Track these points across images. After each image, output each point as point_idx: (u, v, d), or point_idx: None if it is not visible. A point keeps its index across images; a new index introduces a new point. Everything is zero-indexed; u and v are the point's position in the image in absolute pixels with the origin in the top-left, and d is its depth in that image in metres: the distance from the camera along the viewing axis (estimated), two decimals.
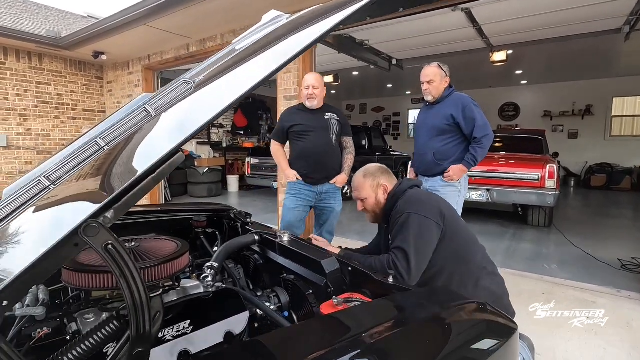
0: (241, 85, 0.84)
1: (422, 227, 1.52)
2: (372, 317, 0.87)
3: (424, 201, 1.62)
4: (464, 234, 1.63)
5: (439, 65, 2.75)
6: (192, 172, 8.25)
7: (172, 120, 0.81)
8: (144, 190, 0.58)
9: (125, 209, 0.57)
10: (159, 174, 0.59)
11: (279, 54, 0.92)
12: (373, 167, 1.81)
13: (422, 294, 1.00)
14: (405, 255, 1.47)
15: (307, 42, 0.92)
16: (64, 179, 0.72)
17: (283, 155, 2.83)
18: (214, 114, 0.80)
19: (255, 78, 0.87)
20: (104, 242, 0.55)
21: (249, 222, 1.91)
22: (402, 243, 1.50)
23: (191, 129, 0.73)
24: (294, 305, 1.36)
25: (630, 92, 9.72)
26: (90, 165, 0.75)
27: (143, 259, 1.11)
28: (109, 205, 0.55)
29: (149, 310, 0.61)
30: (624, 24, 4.53)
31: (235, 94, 0.81)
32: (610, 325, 2.37)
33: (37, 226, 0.58)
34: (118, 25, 4.73)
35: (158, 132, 0.76)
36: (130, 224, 1.75)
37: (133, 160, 0.64)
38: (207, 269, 1.30)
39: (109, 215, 0.54)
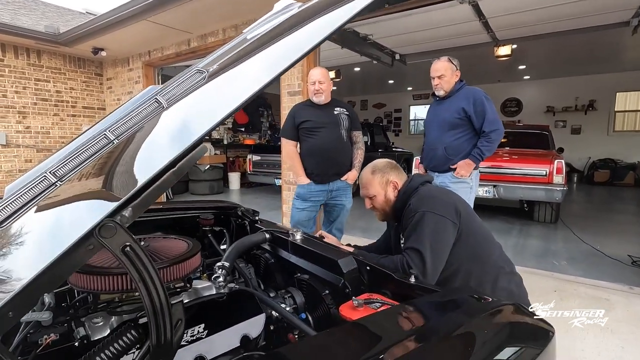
0: (260, 77, 0.80)
1: (438, 226, 1.44)
2: (403, 323, 0.81)
3: (438, 198, 1.54)
4: (480, 232, 1.56)
5: (449, 59, 2.69)
6: (193, 169, 8.17)
7: (189, 111, 0.75)
8: (164, 186, 0.52)
9: (144, 207, 0.51)
10: (180, 167, 0.54)
11: (296, 44, 0.86)
12: (381, 162, 1.72)
13: (451, 296, 0.94)
14: (420, 257, 1.39)
15: (326, 32, 0.87)
16: (72, 174, 0.66)
17: (298, 158, 2.72)
18: (236, 104, 0.75)
19: (274, 70, 0.82)
20: (121, 244, 0.49)
21: (257, 219, 1.86)
22: (416, 243, 1.42)
23: (213, 120, 0.67)
24: (309, 307, 1.30)
25: (634, 87, 9.64)
26: (100, 161, 0.69)
27: (154, 259, 1.05)
28: (126, 203, 0.49)
29: (170, 318, 0.56)
30: (632, 16, 4.45)
31: (256, 86, 0.75)
32: (625, 323, 2.33)
33: (46, 228, 0.52)
34: (117, 21, 4.65)
35: (175, 123, 0.70)
36: (134, 223, 1.69)
37: (150, 154, 0.58)
38: (218, 268, 1.24)
39: (127, 214, 0.49)
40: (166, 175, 0.53)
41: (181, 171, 0.54)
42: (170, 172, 0.53)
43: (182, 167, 0.53)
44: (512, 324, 0.83)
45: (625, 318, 2.37)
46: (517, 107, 11.23)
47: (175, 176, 0.53)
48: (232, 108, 0.61)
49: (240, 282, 1.48)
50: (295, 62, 0.84)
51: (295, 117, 2.70)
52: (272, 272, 1.52)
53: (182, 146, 0.53)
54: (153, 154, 0.57)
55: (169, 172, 0.53)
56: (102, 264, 0.97)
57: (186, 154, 0.54)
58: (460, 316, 0.83)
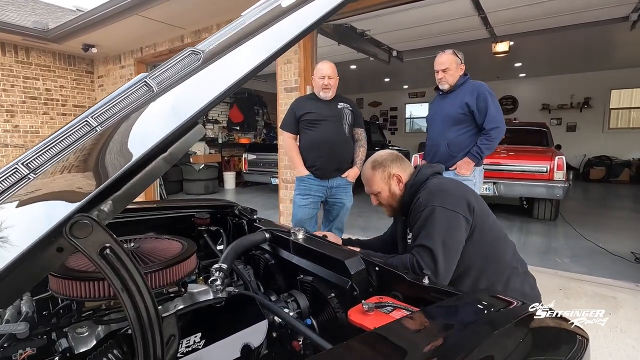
0: (255, 56, 0.73)
1: (450, 222, 1.33)
2: (428, 333, 0.72)
3: (449, 192, 1.42)
4: (494, 229, 1.46)
5: (454, 52, 2.61)
6: (187, 168, 8.05)
7: (182, 93, 0.66)
8: (153, 174, 0.43)
9: (128, 200, 0.42)
10: (173, 152, 0.44)
11: (292, 25, 0.80)
12: (382, 155, 1.59)
13: (475, 300, 0.86)
14: (432, 255, 1.29)
15: (323, 11, 0.81)
16: (48, 166, 0.57)
17: (297, 149, 2.66)
18: (231, 84, 0.67)
19: (269, 50, 0.75)
20: (99, 245, 0.40)
21: (255, 218, 1.76)
22: (426, 241, 1.31)
23: (207, 99, 0.58)
24: (314, 311, 1.21)
25: (628, 84, 9.68)
26: (82, 150, 0.60)
27: (145, 262, 0.96)
28: (106, 195, 0.40)
29: (160, 333, 0.47)
30: (632, 11, 4.42)
31: (251, 64, 0.71)
32: (635, 322, 2.27)
33: (7, 227, 0.43)
34: (108, 16, 4.52)
35: (165, 106, 0.61)
36: (124, 223, 1.59)
37: (136, 138, 0.49)
38: (215, 271, 1.14)
39: (106, 209, 0.39)
40: (155, 162, 0.44)
41: (174, 156, 0.45)
42: (160, 158, 0.44)
43: (174, 151, 0.44)
44: (546, 330, 0.75)
45: (634, 317, 2.32)
46: (512, 105, 11.23)
47: (166, 162, 0.44)
48: (226, 87, 0.52)
49: (239, 285, 1.39)
50: (292, 41, 0.78)
51: (296, 110, 2.62)
52: (273, 273, 1.43)
53: (172, 127, 0.44)
54: (139, 137, 0.48)
55: (158, 158, 0.44)
56: (87, 268, 0.88)
57: (179, 137, 0.45)
58: (491, 324, 0.74)
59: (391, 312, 1.02)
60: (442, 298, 1.00)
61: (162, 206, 1.94)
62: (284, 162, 4.47)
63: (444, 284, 1.30)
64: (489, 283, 1.40)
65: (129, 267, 0.42)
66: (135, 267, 0.43)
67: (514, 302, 0.84)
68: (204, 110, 0.51)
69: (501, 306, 0.82)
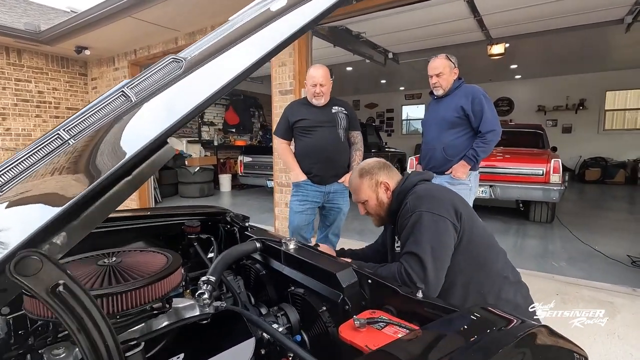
0: (237, 65, 0.69)
1: (439, 227, 1.29)
2: (429, 355, 0.69)
3: (437, 197, 1.39)
4: (483, 236, 1.42)
5: (447, 57, 2.59)
6: (182, 171, 7.98)
7: (157, 106, 0.62)
8: (116, 200, 0.39)
9: (86, 229, 0.38)
10: (138, 175, 0.40)
11: (278, 30, 0.77)
12: (369, 163, 1.57)
13: (472, 318, 0.82)
14: (420, 262, 1.24)
15: (310, 16, 0.77)
16: (9, 187, 0.52)
17: (291, 153, 2.61)
18: (207, 95, 0.63)
19: (255, 56, 0.71)
20: (50, 283, 0.36)
21: (247, 226, 1.72)
22: (414, 247, 1.27)
23: (179, 114, 0.54)
24: (305, 325, 1.17)
25: (623, 86, 9.73)
26: (48, 167, 0.55)
27: (126, 278, 0.91)
28: (60, 225, 0.36)
29: None
30: (626, 14, 4.42)
31: (232, 74, 0.67)
32: (632, 328, 2.25)
33: None
34: (101, 18, 4.46)
35: (138, 121, 0.57)
36: (113, 232, 1.54)
37: (101, 159, 0.44)
38: (203, 283, 1.10)
39: (59, 241, 0.35)
40: (118, 186, 0.39)
41: (139, 180, 0.41)
42: (124, 182, 0.40)
43: (139, 174, 0.40)
44: (546, 349, 0.72)
45: (632, 322, 2.29)
46: (508, 107, 11.25)
47: (130, 186, 0.40)
48: (204, 99, 0.48)
49: (228, 298, 1.35)
50: (281, 45, 0.74)
51: (289, 117, 2.56)
52: (264, 284, 1.39)
53: (138, 147, 0.40)
54: (105, 158, 0.44)
55: (122, 182, 0.40)
56: None
57: (146, 158, 0.41)
58: (490, 345, 0.71)
59: (383, 329, 0.98)
60: (436, 313, 0.96)
61: (152, 214, 1.89)
62: (279, 165, 4.43)
63: (435, 293, 1.26)
64: (479, 294, 1.35)
65: (86, 304, 0.38)
66: (94, 304, 0.39)
67: (513, 319, 0.81)
68: (177, 126, 0.47)
69: (500, 325, 0.78)
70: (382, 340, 0.86)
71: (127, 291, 0.86)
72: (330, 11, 0.72)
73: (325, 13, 0.77)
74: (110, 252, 1.07)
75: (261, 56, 0.72)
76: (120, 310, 0.86)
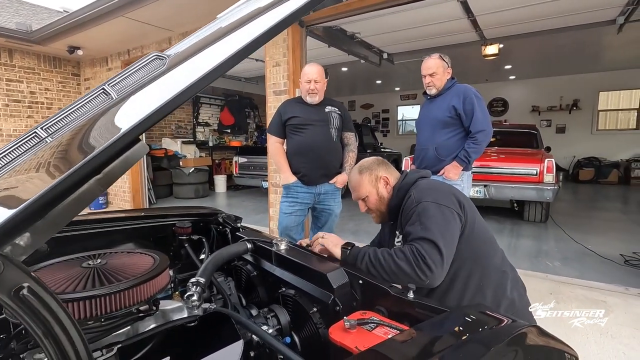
0: (217, 59, 0.68)
1: (446, 216, 1.28)
2: (422, 356, 0.67)
3: (440, 190, 1.40)
4: (483, 229, 1.42)
5: (440, 57, 2.59)
6: (177, 172, 7.93)
7: (136, 103, 0.60)
8: (84, 199, 0.37)
9: (52, 230, 0.36)
10: (109, 173, 0.39)
11: (263, 23, 0.76)
12: (368, 160, 1.59)
13: (463, 317, 0.81)
14: (436, 247, 1.20)
15: (289, 11, 0.76)
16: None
17: (283, 155, 2.58)
18: (181, 89, 0.62)
19: (235, 49, 0.70)
20: (13, 286, 0.34)
21: (239, 227, 1.70)
22: (425, 233, 1.23)
23: (150, 109, 0.52)
24: (295, 326, 1.16)
25: (615, 86, 9.81)
26: (23, 166, 0.54)
27: (111, 280, 0.89)
28: (23, 225, 0.34)
29: None
30: (618, 14, 4.45)
31: (211, 66, 0.66)
32: (625, 326, 2.25)
33: None
34: (94, 17, 4.42)
35: (113, 118, 0.55)
36: (102, 233, 1.52)
37: (69, 156, 0.43)
38: (192, 285, 1.09)
39: (22, 242, 0.34)
40: (88, 184, 0.38)
41: (110, 178, 0.39)
42: (93, 180, 0.38)
43: (110, 172, 0.38)
44: (537, 349, 0.71)
45: (625, 321, 2.30)
46: (503, 107, 11.31)
47: (100, 185, 0.39)
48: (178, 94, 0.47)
49: (219, 299, 1.33)
50: (260, 38, 0.73)
51: (282, 114, 2.54)
52: (255, 286, 1.37)
53: (107, 142, 0.38)
54: (71, 154, 0.42)
55: (91, 180, 0.38)
56: (61, 288, 0.81)
57: (117, 155, 0.39)
58: (481, 345, 0.70)
59: (374, 330, 0.97)
60: (427, 314, 0.95)
61: (143, 215, 1.87)
62: (273, 165, 4.41)
63: (439, 281, 1.21)
64: (478, 287, 1.35)
65: (52, 307, 0.36)
66: (62, 308, 0.37)
67: (504, 319, 0.80)
68: (149, 120, 0.46)
69: (492, 324, 0.77)
70: (373, 342, 0.85)
71: (111, 293, 0.85)
72: (314, 4, 0.71)
73: (309, 6, 0.76)
74: (95, 253, 1.05)
75: (241, 48, 0.71)
76: (105, 313, 0.84)
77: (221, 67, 0.59)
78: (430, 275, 1.17)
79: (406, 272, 1.18)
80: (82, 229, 1.48)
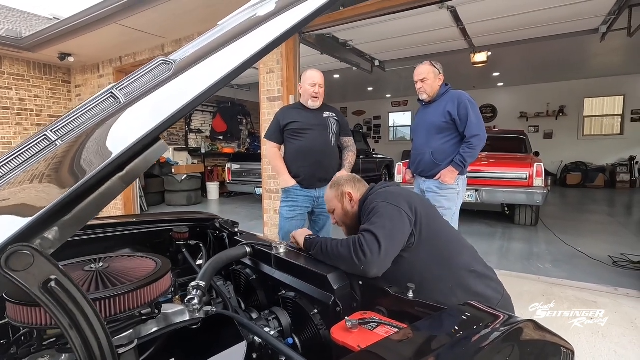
0: (226, 66, 0.71)
1: (393, 214, 1.35)
2: (419, 353, 0.69)
3: (394, 193, 1.48)
4: (443, 232, 1.47)
5: (431, 63, 2.66)
6: (169, 179, 7.88)
7: (148, 105, 0.62)
8: (108, 196, 0.39)
9: (78, 224, 0.38)
10: (130, 171, 0.40)
11: (265, 33, 0.79)
12: (339, 177, 1.71)
13: (460, 314, 0.83)
14: (374, 237, 1.26)
15: (296, 20, 0.79)
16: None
17: (281, 158, 2.60)
18: (196, 94, 0.64)
19: (242, 57, 0.73)
20: (43, 278, 0.35)
21: (236, 231, 1.71)
22: (369, 226, 1.31)
23: (168, 112, 0.54)
24: (296, 328, 1.17)
25: (599, 93, 10.10)
26: (37, 167, 0.55)
27: (114, 283, 0.90)
28: (51, 220, 0.36)
29: None
30: (601, 23, 4.61)
31: (221, 74, 0.69)
32: (615, 326, 2.30)
33: None
34: (86, 24, 4.41)
35: (128, 119, 0.57)
36: (98, 239, 1.51)
37: (91, 156, 0.44)
38: (192, 289, 1.09)
39: (51, 236, 0.35)
40: (111, 182, 0.39)
41: (132, 175, 0.41)
42: (116, 177, 0.40)
43: (132, 170, 0.40)
44: (533, 344, 0.73)
45: (615, 321, 2.35)
46: (492, 113, 11.52)
47: (123, 182, 0.40)
48: (192, 98, 0.49)
49: (218, 303, 1.33)
50: (266, 48, 0.76)
51: (281, 120, 2.57)
52: (254, 289, 1.38)
53: (130, 142, 0.40)
54: (94, 154, 0.44)
55: (114, 177, 0.40)
56: None
57: (139, 154, 0.41)
58: (478, 340, 0.72)
59: (375, 329, 0.99)
60: (426, 312, 0.97)
61: (140, 220, 1.86)
62: (267, 172, 4.41)
63: (381, 271, 1.22)
64: (448, 289, 1.35)
65: (78, 300, 0.37)
66: (86, 300, 0.38)
67: (500, 315, 0.82)
68: (167, 123, 0.47)
69: (487, 320, 0.80)
70: (374, 340, 0.86)
71: (114, 296, 0.85)
72: (317, 15, 0.74)
73: (312, 17, 0.80)
74: (97, 257, 1.05)
75: (248, 57, 0.73)
76: (107, 316, 0.84)
77: (230, 75, 0.61)
78: (365, 260, 1.18)
79: (344, 258, 1.21)
80: (77, 235, 1.47)
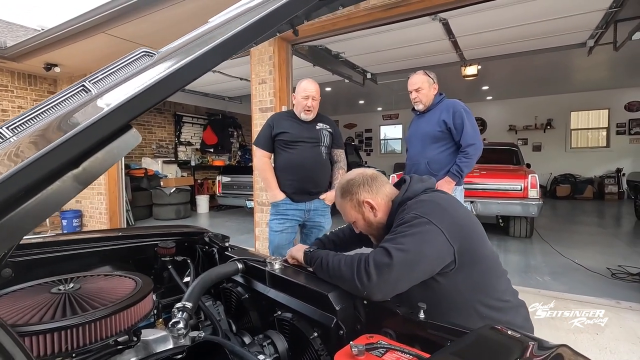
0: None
1: (426, 235, 1.10)
2: None
3: (440, 205, 1.22)
4: (488, 257, 1.25)
5: (425, 72, 2.63)
6: (157, 193, 7.68)
7: (119, 96, 0.52)
8: (54, 201, 0.28)
9: (12, 239, 0.27)
10: (89, 168, 0.30)
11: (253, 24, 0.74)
12: (350, 179, 1.37)
13: (487, 339, 0.73)
14: (388, 259, 1.03)
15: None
16: None
17: (271, 170, 2.46)
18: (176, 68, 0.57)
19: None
20: None
21: (227, 246, 1.59)
22: (388, 244, 1.08)
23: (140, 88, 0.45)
24: (294, 354, 1.05)
25: (585, 106, 10.33)
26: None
27: (84, 308, 0.78)
28: None
29: None
30: (588, 37, 4.70)
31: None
32: (622, 342, 2.22)
33: None
34: (72, 34, 4.31)
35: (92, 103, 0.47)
36: (74, 256, 1.38)
37: (34, 147, 0.34)
38: (177, 311, 0.97)
39: None
40: (61, 181, 0.29)
41: (91, 174, 0.31)
42: (69, 175, 0.29)
43: (90, 167, 0.30)
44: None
45: (622, 335, 2.27)
46: (482, 126, 11.65)
47: (77, 182, 0.30)
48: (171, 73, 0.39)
49: (207, 326, 1.21)
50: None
51: (272, 127, 2.45)
52: (247, 310, 1.26)
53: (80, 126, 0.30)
54: (38, 142, 0.34)
55: (66, 175, 0.29)
56: (25, 322, 0.69)
57: (100, 146, 0.31)
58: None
59: (384, 355, 0.88)
60: (442, 335, 0.87)
61: (121, 235, 1.73)
62: (259, 184, 4.30)
63: (384, 297, 1.04)
64: (479, 317, 1.23)
65: (7, 347, 0.27)
66: (18, 345, 0.28)
67: (529, 340, 0.73)
68: (139, 104, 0.37)
69: (518, 347, 0.70)
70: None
71: (85, 323, 0.73)
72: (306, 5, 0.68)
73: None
74: (68, 277, 0.93)
75: (229, 36, 0.69)
76: (77, 347, 0.73)
77: (213, 52, 0.54)
78: (367, 284, 1.00)
79: (345, 278, 1.05)
80: (50, 251, 1.33)
